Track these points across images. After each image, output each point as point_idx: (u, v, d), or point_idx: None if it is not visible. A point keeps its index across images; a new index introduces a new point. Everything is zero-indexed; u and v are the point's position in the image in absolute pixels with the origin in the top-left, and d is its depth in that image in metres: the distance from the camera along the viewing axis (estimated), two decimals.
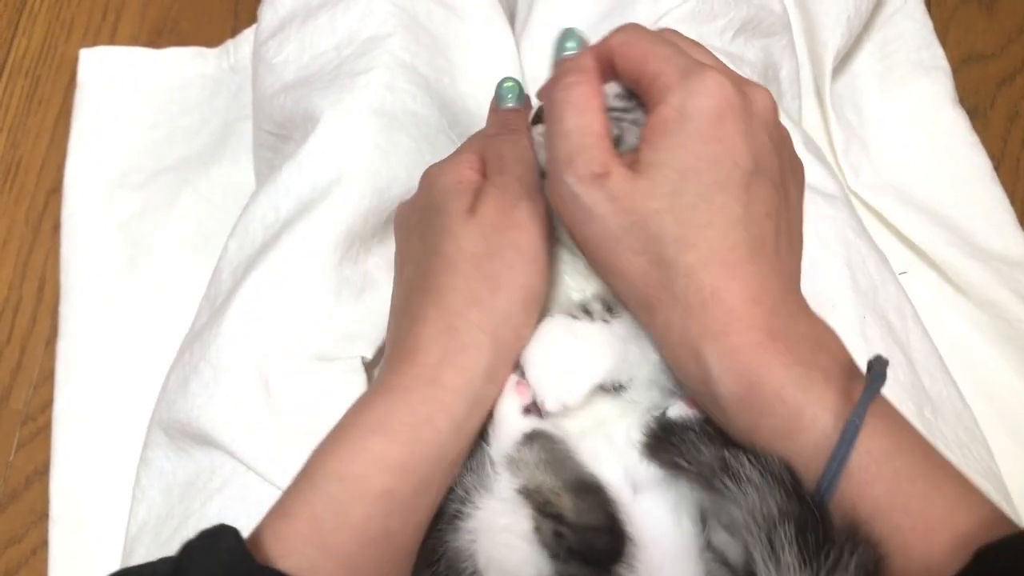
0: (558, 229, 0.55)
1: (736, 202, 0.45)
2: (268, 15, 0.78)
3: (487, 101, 0.76)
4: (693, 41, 0.51)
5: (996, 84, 0.95)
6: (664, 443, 0.47)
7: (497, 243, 0.50)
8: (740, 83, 0.47)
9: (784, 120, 0.65)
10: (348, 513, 0.45)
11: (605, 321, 0.52)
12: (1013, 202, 0.85)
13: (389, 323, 0.57)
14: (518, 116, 0.57)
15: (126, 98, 0.97)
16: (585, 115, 0.47)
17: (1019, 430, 0.76)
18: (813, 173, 0.64)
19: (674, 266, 0.44)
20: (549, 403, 0.50)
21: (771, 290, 0.45)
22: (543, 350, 0.51)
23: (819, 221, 0.61)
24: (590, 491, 0.48)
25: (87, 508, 0.80)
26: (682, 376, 0.46)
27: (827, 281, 0.59)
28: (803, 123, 0.83)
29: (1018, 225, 0.84)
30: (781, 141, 0.49)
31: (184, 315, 0.86)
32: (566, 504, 0.47)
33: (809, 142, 0.68)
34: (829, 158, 0.87)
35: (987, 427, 0.75)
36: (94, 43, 1.03)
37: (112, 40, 1.04)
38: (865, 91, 0.91)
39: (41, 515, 0.81)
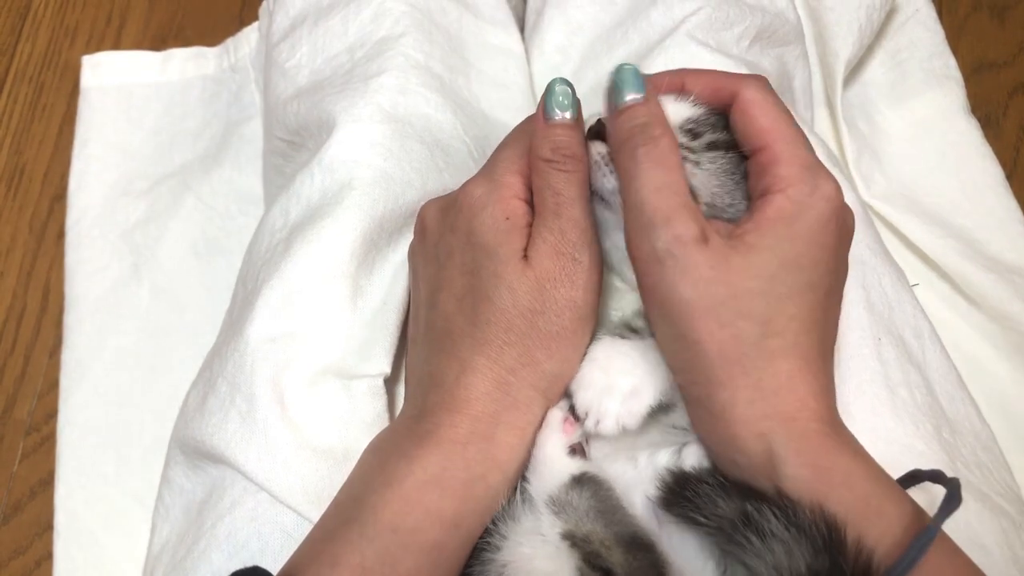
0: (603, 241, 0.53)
1: (820, 305, 0.47)
2: (279, 17, 0.77)
3: (500, 103, 0.76)
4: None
5: (1008, 93, 0.94)
6: (678, 497, 0.46)
7: (554, 300, 0.49)
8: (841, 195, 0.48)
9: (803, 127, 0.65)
10: (398, 566, 0.45)
11: (653, 336, 0.51)
12: None
13: (419, 352, 0.55)
14: (574, 136, 0.51)
15: (128, 103, 0.96)
16: (673, 172, 0.46)
17: None
18: None
19: (757, 347, 0.45)
20: (608, 426, 0.50)
21: (831, 390, 0.48)
22: (599, 372, 0.51)
23: None
24: (642, 548, 0.47)
25: (92, 520, 0.79)
26: (733, 453, 0.46)
27: (842, 305, 0.58)
28: (814, 134, 0.82)
29: None
30: (848, 229, 0.50)
31: (188, 322, 0.86)
32: (616, 558, 0.46)
33: (829, 155, 0.67)
34: (840, 169, 0.86)
35: (1001, 442, 0.74)
36: (98, 50, 1.02)
37: (116, 47, 1.03)
38: (876, 100, 0.90)
39: (46, 526, 0.80)
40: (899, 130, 0.89)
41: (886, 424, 0.56)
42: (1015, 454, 0.75)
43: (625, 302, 0.54)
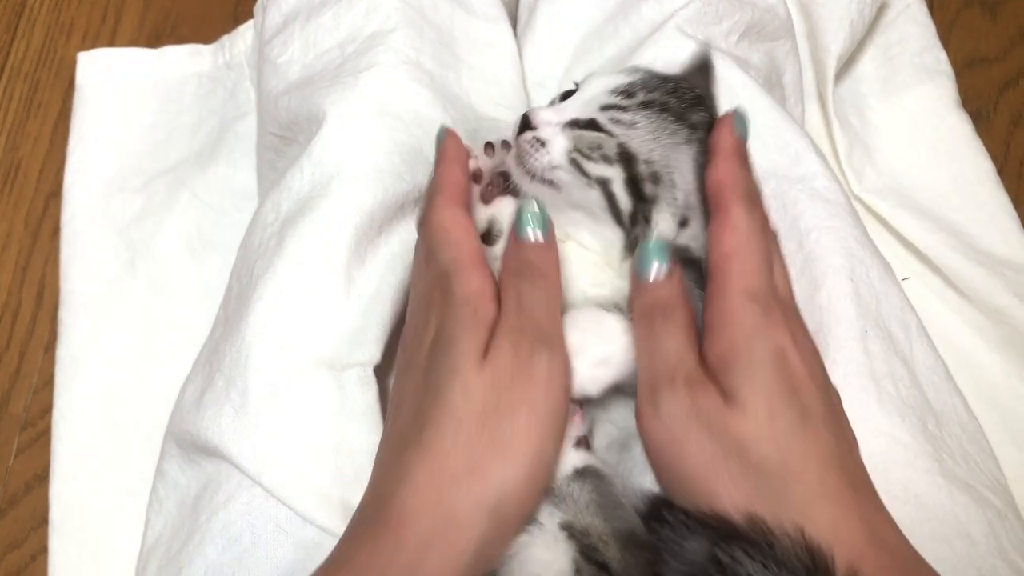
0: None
1: (824, 429, 0.45)
2: (272, 12, 0.78)
3: (492, 98, 0.76)
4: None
5: (999, 88, 0.94)
6: (653, 532, 0.45)
7: (509, 398, 0.45)
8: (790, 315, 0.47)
9: (791, 125, 0.65)
10: None
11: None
12: (1016, 206, 0.85)
13: (375, 463, 0.52)
14: (544, 255, 0.50)
15: (124, 99, 0.97)
16: (681, 337, 0.47)
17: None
18: (817, 180, 0.64)
19: (785, 501, 0.42)
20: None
21: (870, 505, 0.44)
22: (578, 333, 0.50)
23: (821, 233, 0.61)
24: (640, 546, 0.46)
25: (87, 515, 0.80)
26: None
27: (829, 297, 0.59)
28: (806, 128, 0.83)
29: (1022, 230, 0.83)
30: (813, 353, 0.49)
31: (184, 319, 0.86)
32: (613, 554, 0.46)
33: (817, 147, 0.68)
34: (832, 163, 0.87)
35: (991, 435, 0.75)
36: (93, 46, 1.02)
37: (112, 43, 1.03)
38: (868, 95, 0.91)
39: (41, 520, 0.81)
40: (890, 125, 0.89)
41: (873, 416, 0.56)
42: (1006, 446, 0.76)
43: (603, 276, 0.54)
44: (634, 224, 0.53)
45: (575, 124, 0.53)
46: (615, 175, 0.52)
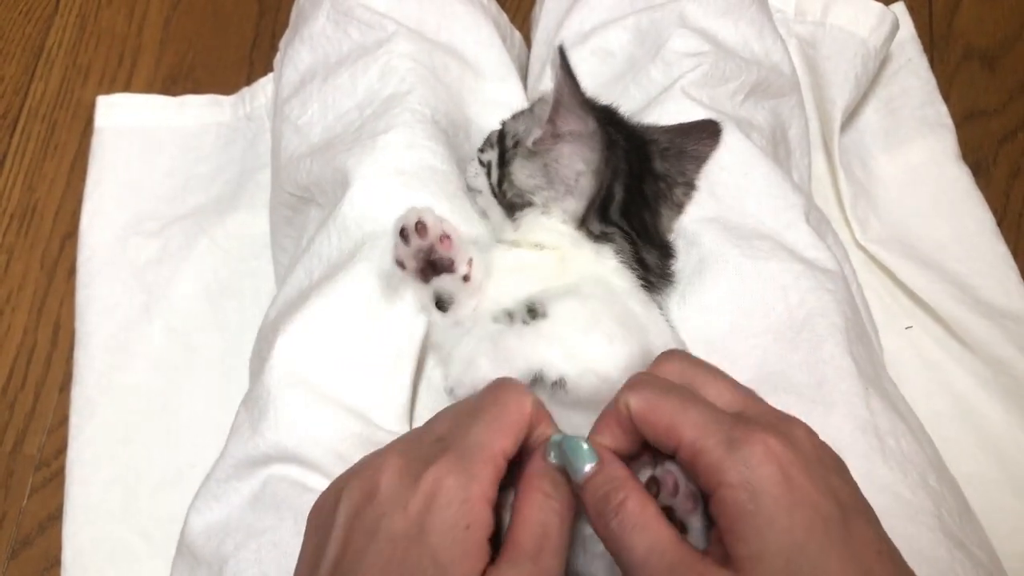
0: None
1: (850, 558, 0.39)
2: (288, 71, 0.79)
3: None
4: (701, 363, 0.46)
5: (998, 141, 0.96)
6: None
7: None
8: (778, 427, 0.42)
9: (785, 192, 0.67)
10: None
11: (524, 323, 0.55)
12: (1016, 257, 0.86)
13: None
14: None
15: (142, 145, 0.99)
16: (650, 530, 0.41)
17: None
18: (808, 251, 0.65)
19: None
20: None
21: None
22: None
23: (822, 293, 0.62)
24: None
25: (98, 556, 0.81)
26: None
27: (832, 354, 0.60)
28: (812, 178, 0.84)
29: (1021, 281, 0.85)
30: (835, 463, 0.44)
31: (198, 363, 0.87)
32: None
33: (811, 213, 0.69)
34: (837, 212, 0.89)
35: (991, 485, 0.76)
36: (110, 89, 1.05)
37: (128, 86, 1.06)
38: (871, 146, 0.93)
39: (54, 561, 0.82)
40: (893, 176, 0.91)
41: (878, 471, 0.57)
42: (1006, 496, 0.77)
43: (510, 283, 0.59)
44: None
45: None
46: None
